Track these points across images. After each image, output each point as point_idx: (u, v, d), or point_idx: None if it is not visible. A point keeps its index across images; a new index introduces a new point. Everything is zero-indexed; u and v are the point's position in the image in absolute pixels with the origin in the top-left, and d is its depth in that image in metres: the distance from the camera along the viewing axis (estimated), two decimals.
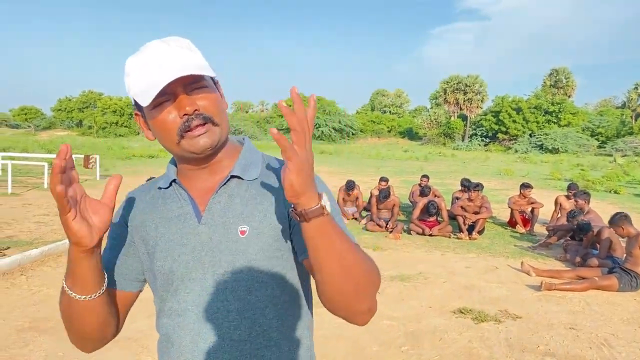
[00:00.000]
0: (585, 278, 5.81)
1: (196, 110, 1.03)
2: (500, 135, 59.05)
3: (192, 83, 1.04)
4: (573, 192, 8.84)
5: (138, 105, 1.09)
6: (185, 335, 1.09)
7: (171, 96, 1.03)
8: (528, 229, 9.39)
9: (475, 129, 62.70)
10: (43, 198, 11.12)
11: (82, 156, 16.04)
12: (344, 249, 0.95)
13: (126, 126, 70.31)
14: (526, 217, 9.66)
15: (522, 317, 4.74)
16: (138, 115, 1.14)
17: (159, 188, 1.19)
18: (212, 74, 1.06)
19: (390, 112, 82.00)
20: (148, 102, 0.99)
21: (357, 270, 0.97)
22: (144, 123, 1.13)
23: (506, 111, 58.30)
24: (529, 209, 9.66)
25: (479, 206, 8.92)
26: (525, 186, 9.77)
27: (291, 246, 1.12)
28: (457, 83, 66.48)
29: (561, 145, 50.38)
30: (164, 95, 1.02)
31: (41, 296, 4.90)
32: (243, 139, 1.24)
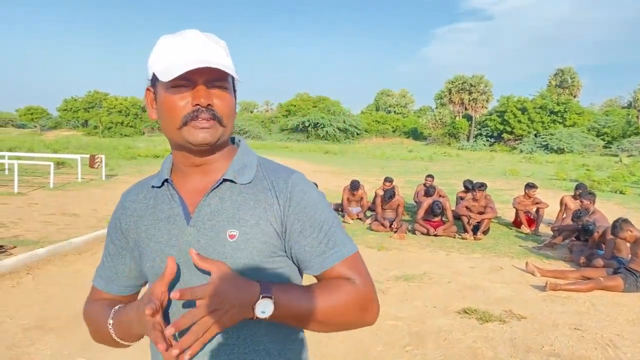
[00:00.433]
0: (590, 278, 5.79)
1: (209, 105, 1.04)
2: (505, 135, 58.86)
3: (215, 80, 1.05)
4: (579, 193, 8.80)
5: (154, 81, 1.11)
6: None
7: (191, 84, 1.04)
8: (533, 229, 9.36)
9: (480, 129, 62.52)
10: (49, 198, 11.17)
11: (88, 156, 16.08)
12: (312, 316, 1.04)
13: (131, 126, 70.50)
14: (531, 217, 9.63)
15: (527, 318, 4.73)
16: (149, 91, 1.14)
17: (152, 187, 1.19)
18: (237, 77, 1.07)
19: (395, 112, 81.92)
20: (169, 78, 1.00)
21: (339, 319, 1.08)
22: (152, 101, 1.14)
23: (511, 111, 58.11)
24: (534, 209, 9.63)
25: (484, 206, 8.90)
26: (529, 186, 9.75)
27: (285, 253, 1.13)
28: (462, 83, 66.27)
29: (566, 145, 50.16)
30: (186, 80, 1.03)
31: (47, 295, 4.92)
32: (239, 140, 1.24)
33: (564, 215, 9.14)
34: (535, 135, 55.58)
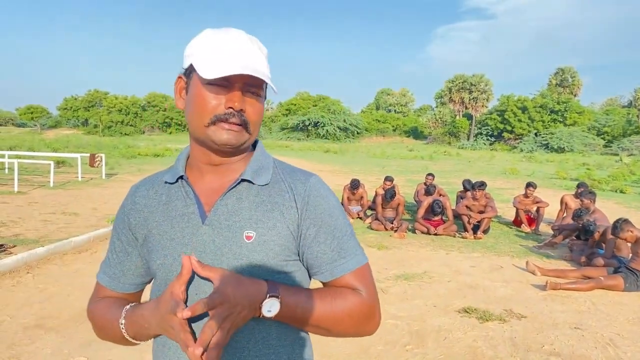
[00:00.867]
0: (590, 278, 5.79)
1: (242, 110, 1.05)
2: (505, 134, 58.90)
3: (253, 86, 1.06)
4: (580, 191, 8.80)
5: (188, 71, 1.10)
6: None
7: (229, 85, 1.04)
8: (533, 229, 9.36)
9: (480, 128, 62.54)
10: (49, 196, 11.16)
11: (88, 155, 16.08)
12: (315, 320, 1.05)
13: (132, 125, 70.55)
14: (531, 217, 9.63)
15: (527, 317, 4.73)
16: (181, 79, 1.13)
17: (165, 182, 1.17)
18: (275, 90, 1.08)
19: (395, 111, 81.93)
20: (212, 77, 1.00)
21: (340, 327, 1.09)
22: (182, 90, 1.13)
23: (512, 110, 58.13)
24: (535, 209, 9.64)
25: (484, 205, 8.90)
26: (529, 185, 9.75)
27: (298, 257, 1.13)
28: (463, 82, 66.29)
29: (567, 144, 50.19)
30: (225, 80, 1.03)
31: (47, 294, 4.92)
32: (256, 142, 1.23)
33: (565, 214, 9.15)
34: (535, 134, 55.61)
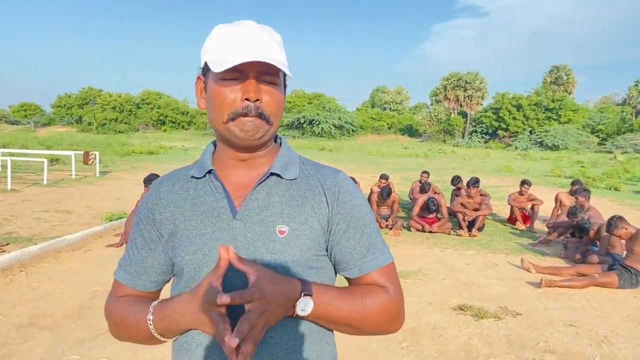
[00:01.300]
0: (585, 275, 5.81)
1: (258, 100, 1.03)
2: (500, 132, 58.98)
3: (267, 74, 1.04)
4: (574, 189, 8.83)
5: (205, 70, 1.09)
6: (212, 336, 1.04)
7: (242, 76, 1.03)
8: (528, 226, 9.39)
9: (475, 126, 62.61)
10: (43, 194, 11.11)
11: (82, 152, 16.00)
12: (346, 318, 1.05)
13: (126, 122, 70.20)
14: (526, 214, 9.66)
15: (522, 314, 4.73)
16: (200, 79, 1.13)
17: (192, 177, 1.16)
18: (290, 74, 1.06)
19: (390, 109, 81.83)
20: (220, 70, 0.99)
21: (369, 325, 1.08)
22: (202, 90, 1.13)
23: (506, 108, 58.19)
24: (529, 206, 9.66)
25: (479, 203, 8.92)
26: (524, 183, 9.77)
27: (326, 253, 1.12)
28: (458, 80, 66.30)
29: (561, 142, 50.29)
30: (237, 72, 1.02)
31: (40, 292, 4.89)
32: (280, 139, 1.23)
33: (559, 211, 9.18)
34: (530, 132, 55.70)
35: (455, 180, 10.71)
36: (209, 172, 1.14)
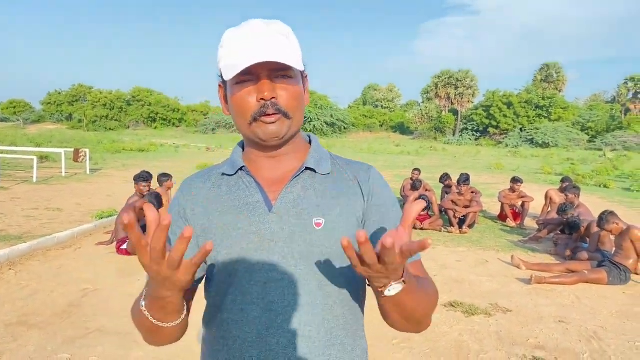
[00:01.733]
0: (574, 272, 5.85)
1: (273, 97, 1.04)
2: (491, 129, 59.19)
3: (279, 70, 1.04)
4: (564, 186, 8.87)
5: (223, 78, 1.10)
6: (250, 330, 1.05)
7: (255, 78, 1.04)
8: (518, 223, 9.44)
9: (466, 124, 62.79)
10: (32, 192, 11.03)
11: (72, 150, 15.90)
12: (419, 305, 1.02)
13: (116, 120, 69.81)
14: (516, 211, 9.70)
15: (513, 311, 4.76)
16: (221, 87, 1.15)
17: (223, 174, 1.17)
18: (301, 68, 1.07)
19: (382, 107, 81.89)
20: (229, 77, 1.02)
21: (421, 315, 1.05)
22: (224, 97, 1.14)
23: (497, 106, 58.40)
24: (520, 203, 9.71)
25: (470, 200, 8.95)
26: (515, 180, 9.81)
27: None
28: (449, 78, 66.43)
29: (551, 139, 50.54)
30: (249, 75, 1.03)
31: (30, 291, 4.85)
32: (309, 136, 1.24)
33: (549, 209, 9.22)
34: (520, 129, 55.93)
35: (443, 177, 10.74)
36: (241, 169, 1.15)
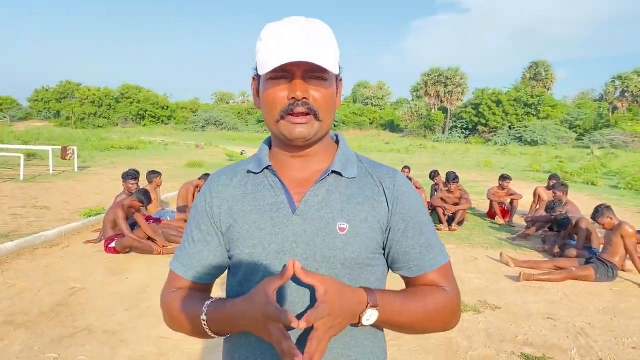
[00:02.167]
0: (562, 269, 5.89)
1: (305, 98, 1.04)
2: (480, 127, 59.54)
3: (314, 71, 1.04)
4: (553, 184, 8.93)
5: (257, 70, 1.10)
6: None
7: (289, 76, 1.04)
8: (507, 220, 9.48)
9: (455, 122, 63.09)
10: (19, 190, 10.91)
11: (60, 147, 15.75)
12: (408, 322, 1.06)
13: (105, 117, 69.38)
14: (505, 209, 9.75)
15: (501, 308, 4.78)
16: (254, 80, 1.15)
17: (249, 172, 1.17)
18: (336, 72, 1.06)
19: (372, 105, 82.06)
20: (264, 72, 1.02)
21: (429, 325, 1.09)
22: (256, 90, 1.14)
23: (486, 104, 58.77)
24: (508, 201, 9.75)
25: (459, 197, 8.99)
26: (504, 178, 9.86)
27: (383, 251, 1.14)
28: (438, 76, 66.71)
29: (540, 137, 50.95)
30: (283, 72, 1.03)
31: (17, 290, 4.81)
32: (337, 136, 1.23)
33: (538, 206, 9.28)
34: (509, 127, 56.33)
35: (432, 174, 10.79)
36: (267, 168, 1.15)
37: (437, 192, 9.61)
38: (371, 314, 1.00)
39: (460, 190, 9.13)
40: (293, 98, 1.03)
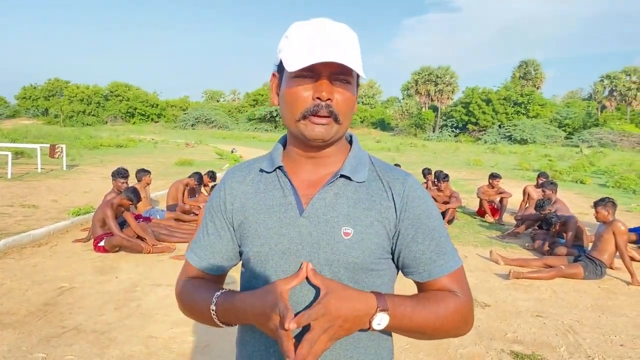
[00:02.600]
0: (552, 266, 5.92)
1: (329, 99, 1.04)
2: (470, 126, 59.78)
3: (340, 74, 1.04)
4: (542, 182, 8.99)
5: (280, 67, 1.11)
6: None
7: (315, 75, 1.04)
8: (497, 219, 9.53)
9: (445, 120, 63.33)
10: (6, 188, 10.81)
11: (48, 146, 15.62)
12: (419, 327, 1.05)
13: (94, 115, 68.95)
14: (495, 207, 9.80)
15: (491, 305, 4.81)
16: (275, 76, 1.15)
17: (261, 170, 1.18)
18: (363, 75, 1.06)
19: (362, 103, 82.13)
20: (294, 69, 1.01)
21: (440, 330, 1.08)
22: (276, 87, 1.15)
23: (476, 102, 59.01)
24: (498, 199, 9.80)
25: (449, 196, 9.02)
26: (493, 176, 9.91)
27: (391, 256, 1.14)
28: (429, 74, 66.92)
29: (529, 136, 51.25)
30: (310, 71, 1.03)
31: (4, 289, 4.76)
32: (350, 136, 1.23)
33: (527, 204, 9.34)
34: (499, 126, 56.61)
35: (425, 171, 10.85)
36: (279, 168, 1.16)
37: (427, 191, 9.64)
38: (381, 318, 1.00)
39: (449, 189, 9.16)
40: (318, 98, 1.03)
